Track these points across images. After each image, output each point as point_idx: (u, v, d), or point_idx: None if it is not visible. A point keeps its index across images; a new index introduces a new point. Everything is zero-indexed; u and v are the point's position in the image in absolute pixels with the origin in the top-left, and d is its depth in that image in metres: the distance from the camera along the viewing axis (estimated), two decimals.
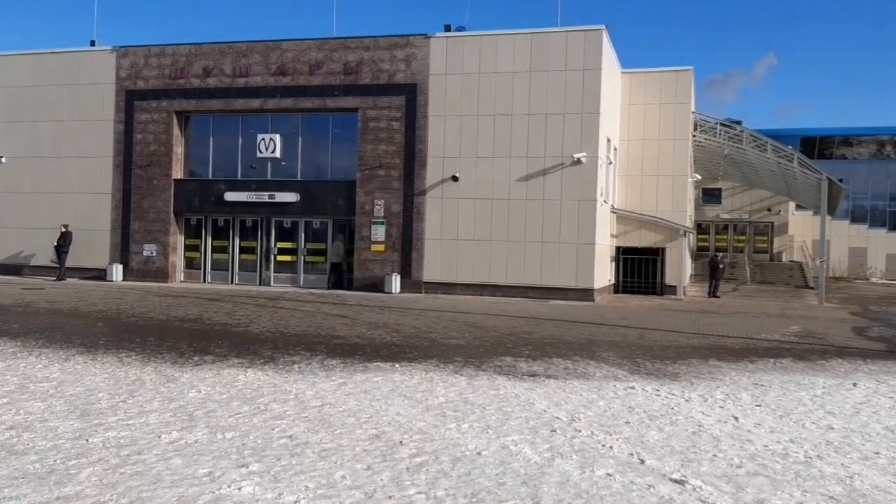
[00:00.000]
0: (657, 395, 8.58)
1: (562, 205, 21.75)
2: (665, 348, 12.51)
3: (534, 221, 21.97)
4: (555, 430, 6.81)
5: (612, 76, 23.81)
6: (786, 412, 7.92)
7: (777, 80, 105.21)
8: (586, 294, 21.57)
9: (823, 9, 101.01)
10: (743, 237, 44.82)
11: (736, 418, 7.54)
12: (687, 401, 8.31)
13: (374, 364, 10.11)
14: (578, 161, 21.37)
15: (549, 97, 21.84)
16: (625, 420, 7.32)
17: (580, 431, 6.80)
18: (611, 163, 23.98)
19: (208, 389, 8.21)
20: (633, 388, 8.94)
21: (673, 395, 8.61)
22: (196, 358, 10.28)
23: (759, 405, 8.22)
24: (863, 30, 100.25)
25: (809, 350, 12.89)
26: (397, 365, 10.06)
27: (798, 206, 44.82)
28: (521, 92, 22.07)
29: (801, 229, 45.27)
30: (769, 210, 43.77)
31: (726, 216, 44.25)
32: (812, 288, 34.83)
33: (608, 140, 23.26)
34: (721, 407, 8.06)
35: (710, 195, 43.95)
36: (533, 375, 9.59)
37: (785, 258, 43.47)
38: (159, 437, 6.30)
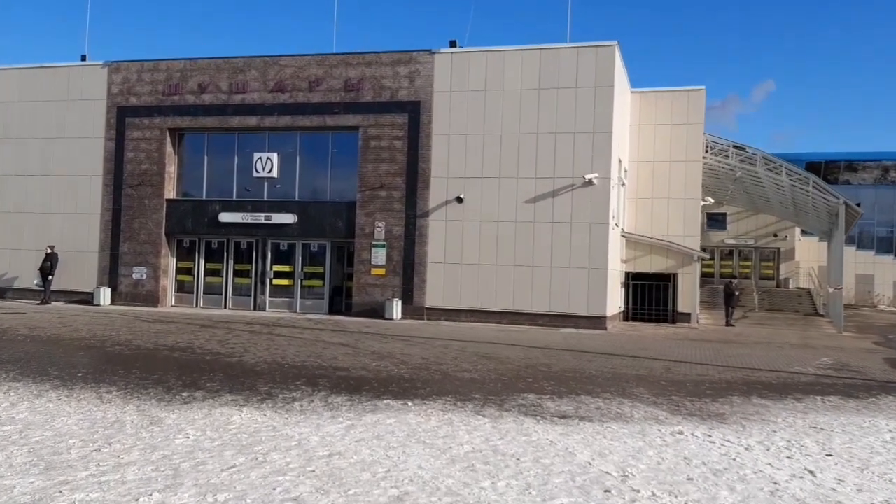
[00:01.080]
0: (710, 441, 7.52)
1: (572, 228, 20.78)
2: (698, 383, 11.46)
3: (543, 245, 20.98)
4: (609, 491, 5.74)
5: (623, 94, 22.99)
6: (863, 464, 6.87)
7: (775, 105, 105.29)
8: (598, 322, 20.52)
9: (824, 35, 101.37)
10: (748, 263, 43.94)
11: (812, 473, 6.48)
12: (747, 449, 7.26)
13: (385, 402, 9.02)
14: (590, 182, 20.45)
15: (558, 115, 20.96)
16: (685, 476, 6.25)
17: (639, 492, 5.73)
18: (623, 184, 23.08)
19: (198, 434, 7.12)
20: (680, 433, 7.88)
21: (728, 441, 7.55)
22: (185, 394, 9.17)
23: (829, 455, 7.17)
24: (863, 54, 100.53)
25: (852, 385, 11.87)
26: (410, 403, 8.98)
27: (803, 232, 44.07)
28: (530, 110, 21.20)
29: (806, 255, 44.46)
30: (775, 235, 42.94)
31: (731, 241, 43.37)
32: (822, 315, 33.92)
33: (619, 161, 22.37)
34: (788, 457, 7.00)
35: (714, 220, 43.08)
36: (564, 417, 8.52)
37: (791, 285, 42.57)
38: (136, 500, 5.20)
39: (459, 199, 21.55)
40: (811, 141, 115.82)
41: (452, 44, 22.20)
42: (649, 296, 25.09)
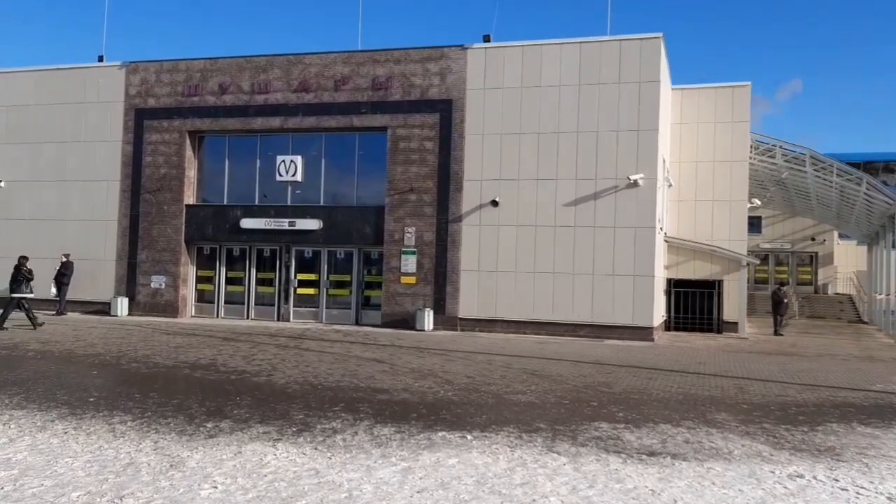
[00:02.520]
0: (842, 489, 6.23)
1: (616, 232, 19.49)
2: (784, 407, 10.13)
3: (584, 251, 19.70)
4: None
5: (666, 91, 21.68)
6: None
7: (802, 106, 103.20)
8: (645, 333, 19.19)
9: (851, 34, 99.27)
10: (784, 268, 42.34)
11: None
12: (891, 500, 5.96)
13: (440, 434, 7.80)
14: (635, 183, 19.15)
15: (600, 113, 19.70)
16: None
17: None
18: (670, 185, 21.73)
19: (227, 482, 5.93)
20: (799, 475, 6.59)
21: (862, 488, 6.26)
22: (210, 425, 8.00)
23: None
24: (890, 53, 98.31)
25: None
26: (469, 436, 7.75)
27: (841, 235, 42.44)
28: (570, 107, 19.95)
29: (844, 259, 42.83)
30: (813, 239, 41.36)
31: (767, 245, 41.80)
32: (866, 322, 32.36)
33: (663, 160, 21.05)
34: None
35: (749, 223, 41.32)
36: (653, 454, 7.25)
37: (830, 290, 40.94)
38: None
39: (494, 203, 20.32)
40: (838, 142, 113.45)
41: (486, 38, 21.01)
42: (692, 304, 23.72)
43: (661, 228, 20.68)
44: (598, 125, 19.70)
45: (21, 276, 18.54)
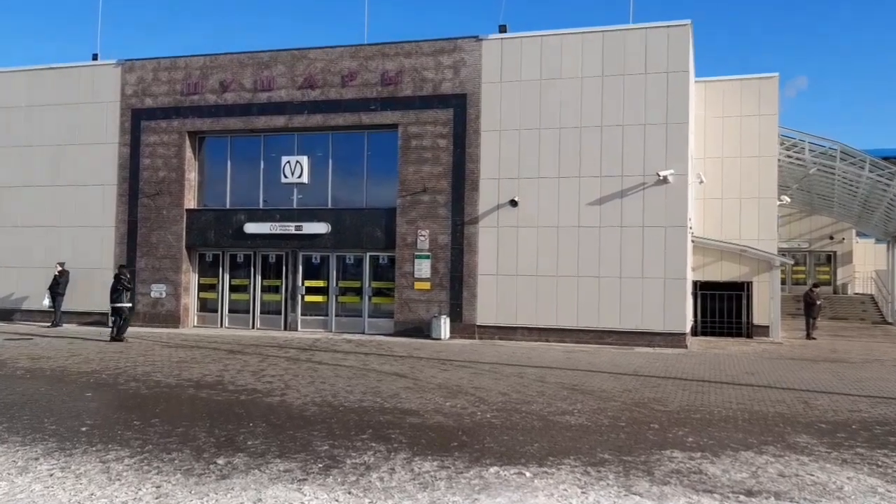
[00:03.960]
0: None
1: (644, 232, 18.35)
2: (866, 425, 8.97)
3: (610, 253, 18.55)
4: None
5: (692, 83, 20.53)
6: None
7: (808, 103, 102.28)
8: (677, 340, 18.04)
9: (857, 31, 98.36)
10: (802, 268, 41.14)
11: None
12: None
13: (492, 471, 6.63)
14: (664, 180, 18.02)
15: (626, 106, 18.57)
16: None
17: None
18: (701, 181, 20.58)
19: None
20: None
21: None
22: (221, 461, 6.83)
23: None
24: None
25: None
26: (528, 472, 6.58)
27: (859, 234, 41.31)
28: (592, 100, 18.82)
29: (863, 258, 41.72)
30: (831, 238, 40.15)
31: (784, 245, 40.49)
32: (891, 324, 31.22)
33: (691, 156, 19.91)
34: None
35: None
36: (751, 493, 6.09)
37: (849, 290, 39.78)
38: None
39: (513, 203, 19.18)
40: (846, 138, 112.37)
41: (502, 29, 19.91)
42: (719, 307, 22.57)
43: (690, 228, 19.53)
44: (624, 119, 18.57)
45: (121, 285, 18.01)
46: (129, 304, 18.39)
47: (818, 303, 23.37)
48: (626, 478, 6.48)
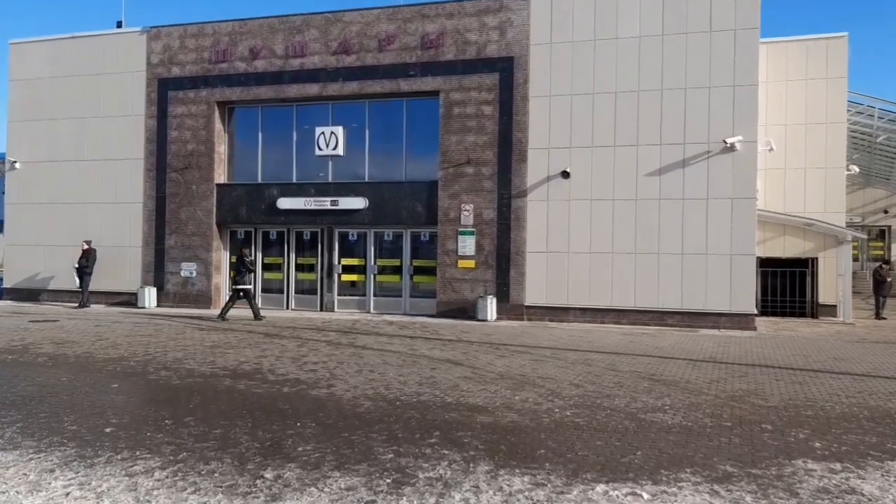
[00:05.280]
0: None
1: (709, 204, 16.92)
2: None
3: (671, 228, 17.17)
4: None
5: None
6: None
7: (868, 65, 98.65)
8: (745, 321, 16.65)
9: None
10: (855, 243, 39.21)
11: None
12: None
13: (599, 489, 5.43)
14: (731, 147, 16.55)
15: (688, 67, 17.07)
16: None
17: None
18: (771, 149, 19.03)
19: None
20: None
21: None
22: (269, 475, 5.70)
23: None
24: None
25: None
26: (644, 494, 5.37)
27: None
28: (652, 62, 17.34)
29: None
30: (885, 212, 38.18)
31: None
32: None
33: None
34: None
35: None
36: None
37: None
38: None
39: (565, 175, 17.84)
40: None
41: None
42: (781, 285, 21.11)
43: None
44: (687, 81, 17.08)
45: (244, 266, 17.57)
46: (250, 286, 18.12)
47: (889, 280, 21.76)
48: (767, 500, 5.24)
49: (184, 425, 7.25)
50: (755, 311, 16.79)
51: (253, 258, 18.93)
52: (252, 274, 18.39)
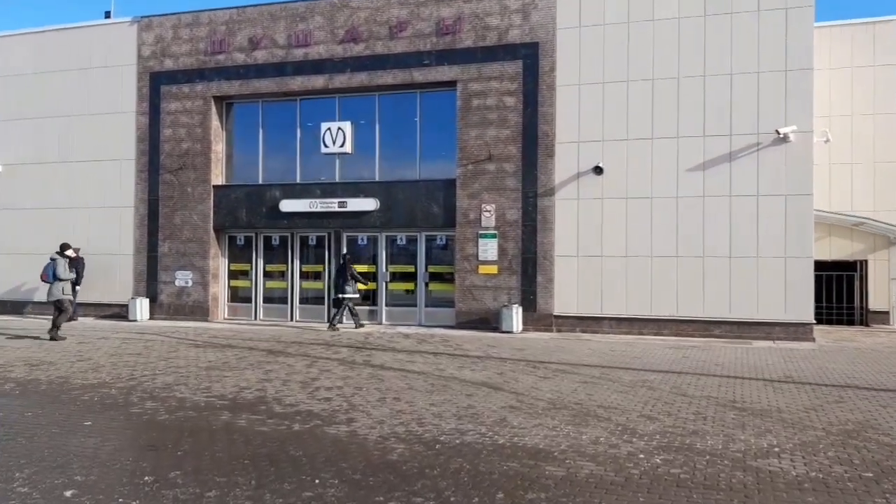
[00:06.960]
0: None
1: (759, 202, 15.29)
2: None
3: (717, 227, 15.53)
4: None
5: None
6: None
7: None
8: (802, 331, 14.99)
9: None
10: None
11: None
12: None
13: None
14: (784, 138, 14.92)
15: (734, 50, 15.46)
16: None
17: None
18: (827, 140, 17.37)
19: None
20: None
21: None
22: None
23: None
24: None
25: None
26: None
27: None
28: (693, 45, 15.72)
29: None
30: None
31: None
32: None
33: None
34: None
35: None
36: None
37: None
38: None
39: (598, 170, 16.20)
40: None
41: None
42: (827, 290, 19.46)
43: None
44: (732, 66, 15.46)
45: (349, 273, 17.03)
46: (357, 295, 17.38)
47: None
48: None
49: (168, 484, 5.57)
50: (813, 321, 15.10)
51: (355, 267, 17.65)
52: (356, 281, 17.23)
